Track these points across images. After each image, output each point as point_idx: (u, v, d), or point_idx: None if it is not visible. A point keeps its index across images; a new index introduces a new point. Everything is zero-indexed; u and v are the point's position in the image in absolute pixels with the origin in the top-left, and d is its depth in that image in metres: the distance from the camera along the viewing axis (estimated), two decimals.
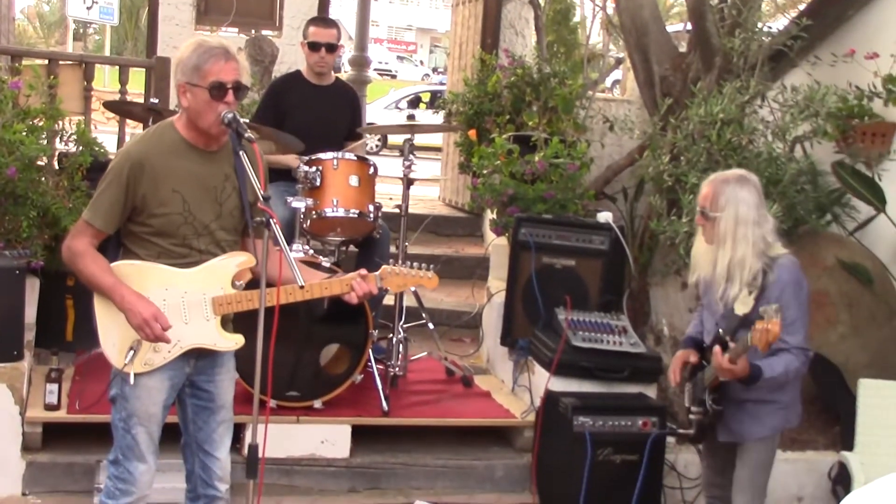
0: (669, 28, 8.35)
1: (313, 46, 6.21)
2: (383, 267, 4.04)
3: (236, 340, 3.82)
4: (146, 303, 3.64)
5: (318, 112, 6.21)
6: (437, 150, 11.74)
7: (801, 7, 7.57)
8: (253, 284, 3.78)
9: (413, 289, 6.14)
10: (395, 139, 6.52)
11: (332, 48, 6.22)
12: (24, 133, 5.63)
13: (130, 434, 3.74)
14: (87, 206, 3.73)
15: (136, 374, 3.67)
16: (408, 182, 5.92)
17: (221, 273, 3.76)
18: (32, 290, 5.67)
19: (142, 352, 3.67)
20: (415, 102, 24.88)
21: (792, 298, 4.16)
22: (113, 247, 3.79)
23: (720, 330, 4.21)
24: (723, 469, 4.56)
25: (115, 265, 3.68)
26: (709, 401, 4.31)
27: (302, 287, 3.65)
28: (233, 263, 3.77)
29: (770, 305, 3.90)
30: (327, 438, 5.41)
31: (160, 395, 3.76)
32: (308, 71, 6.32)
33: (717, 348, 4.10)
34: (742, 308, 4.14)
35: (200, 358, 3.83)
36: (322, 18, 6.92)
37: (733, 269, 4.15)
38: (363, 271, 3.97)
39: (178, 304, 3.71)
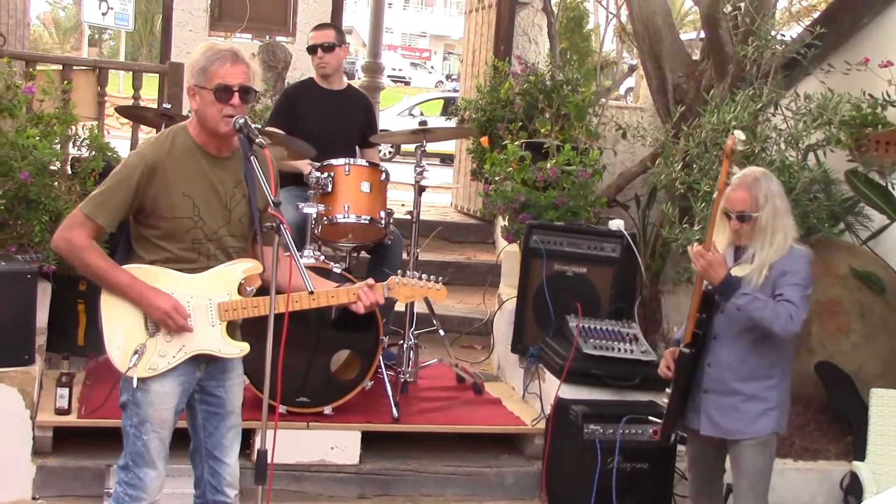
0: (683, 36, 8.35)
1: (311, 50, 6.33)
2: (391, 277, 4.03)
3: (241, 348, 3.80)
4: (164, 296, 3.64)
5: (330, 118, 6.22)
6: (450, 157, 11.75)
7: (815, 15, 7.55)
8: (261, 291, 3.78)
9: None
10: (409, 146, 6.62)
11: (328, 48, 6.24)
12: (38, 138, 5.66)
13: (142, 440, 3.73)
14: (88, 200, 3.67)
15: (144, 379, 3.67)
16: (419, 189, 5.92)
17: (228, 279, 3.75)
18: (44, 294, 5.69)
19: (146, 355, 3.67)
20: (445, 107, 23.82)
21: (804, 266, 4.24)
22: (122, 250, 3.79)
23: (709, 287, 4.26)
24: (711, 479, 4.55)
25: (124, 269, 3.68)
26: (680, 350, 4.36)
27: (311, 293, 3.64)
28: (239, 269, 3.77)
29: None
30: (337, 444, 5.40)
31: (172, 400, 3.75)
32: (319, 76, 6.34)
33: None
34: (739, 272, 4.17)
35: (211, 363, 3.82)
36: (320, 24, 6.95)
37: (771, 259, 4.18)
38: (370, 281, 3.97)
39: None
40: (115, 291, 3.66)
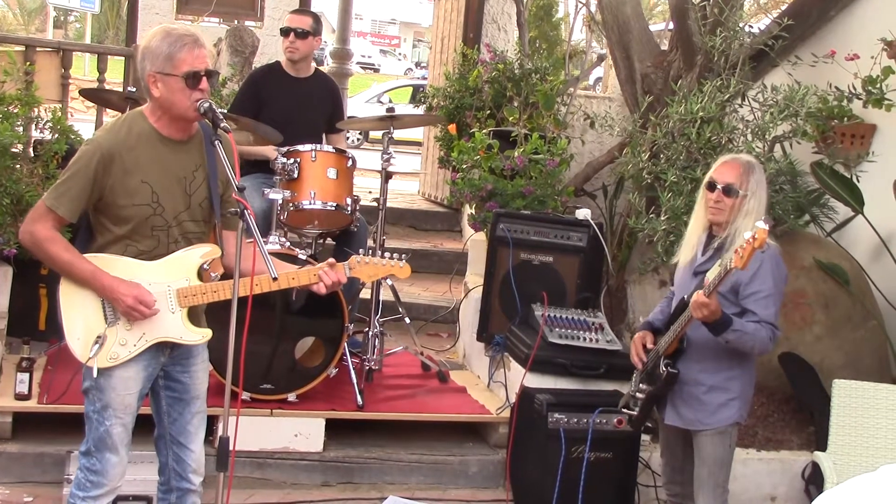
0: (652, 26, 8.34)
1: (284, 32, 6.28)
2: (353, 257, 3.94)
3: (203, 334, 3.76)
4: (127, 285, 3.59)
5: (295, 103, 6.17)
6: (418, 144, 11.71)
7: (783, 7, 7.57)
8: (225, 277, 3.75)
9: (390, 282, 6.12)
10: (377, 133, 6.59)
11: (301, 34, 6.18)
12: None
13: (104, 426, 3.69)
14: (50, 192, 3.66)
15: (104, 368, 3.63)
16: (386, 175, 5.90)
17: (186, 264, 3.71)
18: (5, 278, 5.63)
19: (107, 345, 3.63)
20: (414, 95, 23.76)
21: (769, 273, 4.17)
22: (81, 238, 3.75)
23: (685, 296, 4.21)
24: (682, 466, 4.56)
25: (86, 258, 3.63)
26: (663, 365, 4.32)
27: (275, 279, 3.60)
28: (197, 254, 3.72)
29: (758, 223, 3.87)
30: (301, 432, 5.38)
31: (136, 385, 3.71)
32: (286, 61, 6.30)
33: (697, 292, 4.04)
34: (713, 274, 4.16)
35: (175, 348, 3.79)
36: (300, 9, 6.91)
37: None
38: (332, 260, 3.89)
39: None
40: (79, 282, 3.62)
